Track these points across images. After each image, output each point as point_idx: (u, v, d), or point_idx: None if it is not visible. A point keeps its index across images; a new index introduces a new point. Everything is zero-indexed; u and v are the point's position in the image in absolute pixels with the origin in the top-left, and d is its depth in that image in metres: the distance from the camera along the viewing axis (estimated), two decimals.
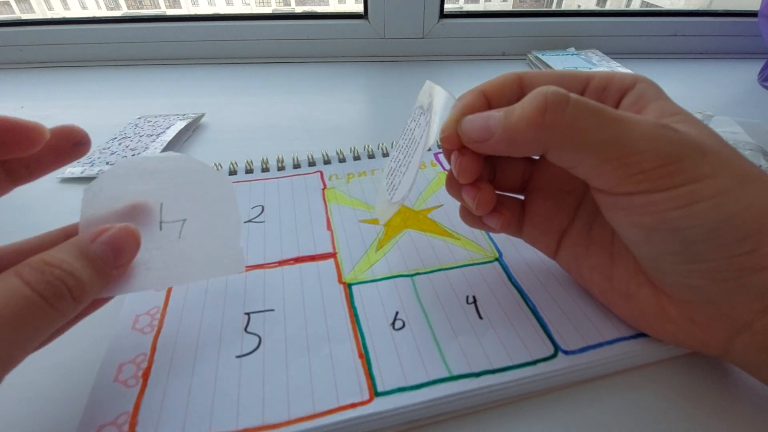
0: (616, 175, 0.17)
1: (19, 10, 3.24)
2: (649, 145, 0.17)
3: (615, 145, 0.17)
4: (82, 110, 0.51)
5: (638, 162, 0.17)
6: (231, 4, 3.32)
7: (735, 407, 0.20)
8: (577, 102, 0.17)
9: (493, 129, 0.19)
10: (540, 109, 0.17)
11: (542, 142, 0.18)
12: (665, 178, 0.17)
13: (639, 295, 0.20)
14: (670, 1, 1.94)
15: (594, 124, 0.17)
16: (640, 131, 0.17)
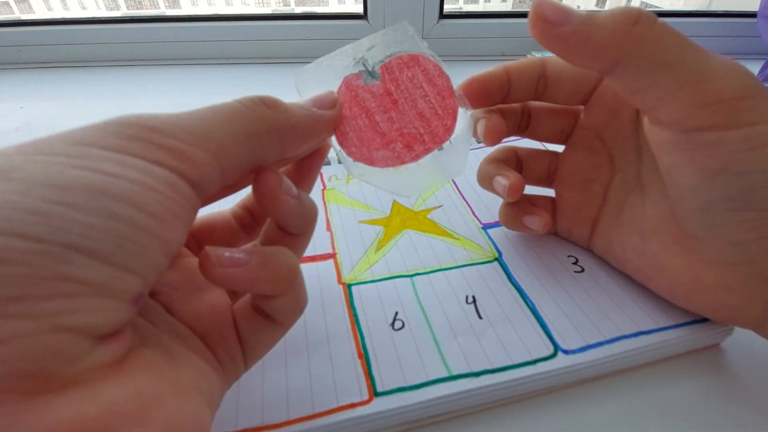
0: (692, 102, 0.17)
1: (19, 11, 3.24)
2: (729, 75, 0.16)
3: (696, 67, 0.17)
4: (81, 110, 0.51)
5: (717, 90, 0.16)
6: (230, 4, 3.33)
7: (735, 406, 0.20)
8: (664, 23, 0.17)
9: (572, 17, 0.17)
10: (632, 18, 0.17)
11: (619, 53, 0.17)
12: (742, 113, 0.16)
13: (672, 267, 0.20)
14: (669, 2, 1.94)
15: (678, 45, 0.17)
16: (719, 61, 0.17)
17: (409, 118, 0.19)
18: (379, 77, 0.20)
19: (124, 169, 0.11)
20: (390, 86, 0.19)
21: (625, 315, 0.22)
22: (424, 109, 0.19)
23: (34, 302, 0.10)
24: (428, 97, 0.19)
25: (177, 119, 0.13)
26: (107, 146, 0.12)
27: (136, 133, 0.12)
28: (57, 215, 0.10)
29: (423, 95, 0.19)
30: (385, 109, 0.19)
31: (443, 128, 0.19)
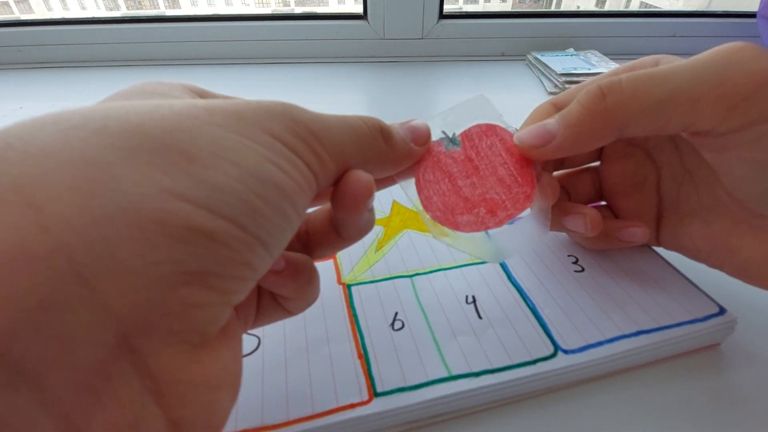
0: (717, 111, 0.16)
1: (18, 11, 3.24)
2: (735, 68, 0.15)
3: (695, 82, 0.16)
4: None
5: (733, 90, 0.16)
6: (230, 4, 3.33)
7: (735, 406, 0.20)
8: (629, 75, 0.17)
9: (553, 131, 0.19)
10: (599, 98, 0.17)
11: (613, 126, 0.18)
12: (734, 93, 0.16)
13: (743, 247, 0.20)
14: (668, 2, 1.94)
15: (657, 81, 0.17)
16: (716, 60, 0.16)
17: (491, 184, 0.19)
18: (460, 144, 0.20)
19: (292, 168, 0.12)
20: (470, 153, 0.20)
21: (625, 314, 0.22)
22: (504, 176, 0.19)
23: (225, 280, 0.11)
24: (507, 164, 0.20)
25: (327, 127, 0.14)
26: (283, 140, 0.13)
27: (301, 132, 0.13)
28: (259, 210, 0.11)
29: (502, 162, 0.20)
30: (467, 174, 0.20)
31: (524, 195, 0.19)
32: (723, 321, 0.22)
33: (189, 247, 0.10)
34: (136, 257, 0.10)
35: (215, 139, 0.11)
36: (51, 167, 0.09)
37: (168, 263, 0.10)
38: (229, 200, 0.11)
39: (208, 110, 0.12)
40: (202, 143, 0.11)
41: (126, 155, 0.10)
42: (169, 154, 0.10)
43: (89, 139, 0.10)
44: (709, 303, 0.22)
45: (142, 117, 0.11)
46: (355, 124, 0.15)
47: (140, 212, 0.10)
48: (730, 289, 0.23)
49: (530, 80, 0.58)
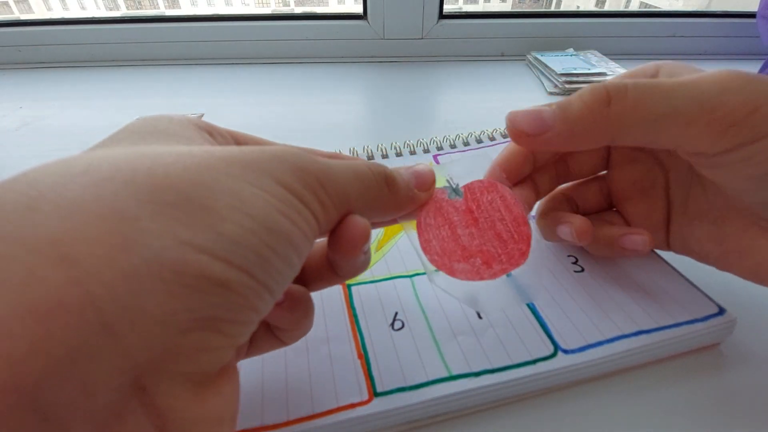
0: (708, 135, 0.17)
1: (18, 11, 3.23)
2: (728, 93, 0.16)
3: (692, 104, 0.16)
4: (80, 110, 0.51)
5: (725, 116, 0.16)
6: (230, 4, 3.33)
7: (734, 405, 0.20)
8: (636, 84, 0.17)
9: (549, 122, 0.18)
10: (603, 100, 0.17)
11: (610, 132, 0.18)
12: (761, 124, 0.16)
13: (755, 248, 0.20)
14: (668, 2, 1.94)
15: (661, 94, 0.17)
16: (711, 81, 0.16)
17: (489, 237, 0.20)
18: (462, 195, 0.21)
19: (300, 218, 0.13)
20: (472, 205, 0.21)
21: (625, 314, 0.22)
22: (501, 232, 0.20)
23: (234, 325, 0.12)
24: (506, 221, 0.21)
25: (333, 176, 0.15)
26: (292, 190, 0.13)
27: (309, 182, 0.14)
28: (269, 260, 0.12)
29: (501, 218, 0.21)
30: (466, 224, 0.20)
31: (519, 252, 0.20)
32: (722, 321, 0.22)
33: (204, 295, 0.11)
34: (156, 307, 0.10)
35: (232, 190, 0.12)
36: (84, 221, 0.10)
37: (184, 311, 0.11)
38: (243, 252, 0.12)
39: (226, 161, 0.13)
40: (219, 195, 0.12)
41: (152, 209, 0.11)
42: (190, 207, 0.11)
43: (119, 191, 0.11)
44: (708, 303, 0.22)
45: (167, 169, 0.12)
46: (360, 172, 0.16)
47: (162, 264, 0.10)
48: (729, 290, 0.23)
49: (530, 80, 0.58)
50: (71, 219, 0.10)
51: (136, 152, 0.12)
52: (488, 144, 0.39)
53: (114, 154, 0.12)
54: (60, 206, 0.10)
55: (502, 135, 0.40)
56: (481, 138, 0.40)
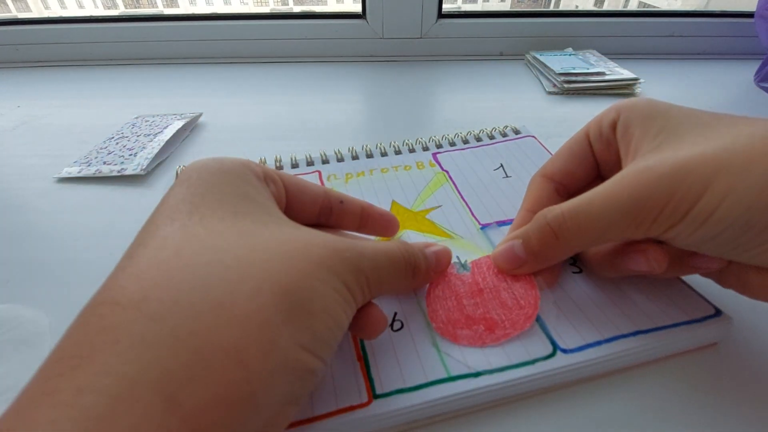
0: (640, 232, 0.19)
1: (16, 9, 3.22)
2: (646, 201, 0.18)
3: (618, 221, 0.19)
4: (79, 109, 0.51)
5: (645, 218, 0.18)
6: (229, 3, 3.31)
7: (733, 405, 0.20)
8: (571, 214, 0.20)
9: (521, 257, 0.23)
10: (551, 236, 0.21)
11: (569, 252, 0.22)
12: (674, 214, 0.18)
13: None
14: (667, 2, 1.95)
15: (592, 221, 0.20)
16: (630, 196, 0.19)
17: (493, 306, 0.22)
18: (470, 269, 0.24)
19: (351, 311, 0.17)
20: (478, 278, 0.23)
21: (624, 314, 0.22)
22: (506, 300, 0.22)
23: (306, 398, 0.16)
24: (511, 290, 0.23)
25: (378, 273, 0.18)
26: (352, 291, 0.17)
27: (361, 281, 0.17)
28: (334, 348, 0.16)
29: (506, 288, 0.23)
30: (472, 295, 0.23)
31: (524, 317, 0.22)
32: (719, 322, 0.22)
33: (301, 381, 0.15)
34: (282, 394, 0.14)
35: (322, 296, 0.15)
36: (250, 329, 0.13)
37: (287, 394, 0.14)
38: (325, 347, 0.15)
39: (316, 265, 0.16)
40: (315, 300, 0.15)
41: (282, 316, 0.14)
42: (300, 311, 0.14)
43: (266, 302, 0.14)
44: (705, 305, 0.23)
45: (287, 276, 0.15)
46: (397, 265, 0.20)
47: (287, 363, 0.14)
48: (726, 291, 0.23)
49: (529, 80, 0.58)
50: (241, 328, 0.13)
51: (264, 261, 0.15)
52: (488, 143, 0.39)
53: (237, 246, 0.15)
54: (234, 316, 0.13)
55: (501, 134, 0.40)
56: (481, 136, 0.40)
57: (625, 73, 0.54)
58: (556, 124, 0.46)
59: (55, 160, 0.40)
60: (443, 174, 0.35)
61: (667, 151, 0.19)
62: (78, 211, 0.34)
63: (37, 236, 0.31)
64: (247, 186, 0.18)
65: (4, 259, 0.29)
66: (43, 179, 0.37)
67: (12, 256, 0.29)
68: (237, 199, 0.17)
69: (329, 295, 0.16)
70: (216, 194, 0.17)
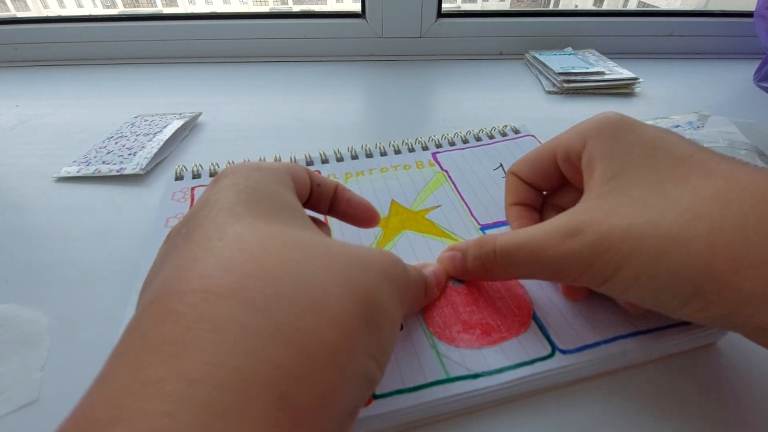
0: (567, 283, 0.21)
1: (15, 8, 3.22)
2: (559, 264, 0.19)
3: (539, 273, 0.20)
4: (78, 109, 0.51)
5: (568, 277, 0.19)
6: (228, 2, 3.30)
7: (732, 405, 0.20)
8: (501, 250, 0.21)
9: (459, 267, 0.23)
10: (481, 269, 0.22)
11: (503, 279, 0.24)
12: (593, 279, 0.19)
13: None
14: (666, 2, 1.95)
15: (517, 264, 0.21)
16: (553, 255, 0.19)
17: (488, 312, 0.23)
18: (465, 282, 0.24)
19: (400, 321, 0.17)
20: (473, 289, 0.24)
21: (622, 315, 0.22)
22: (501, 308, 0.23)
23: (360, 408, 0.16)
24: (505, 299, 0.24)
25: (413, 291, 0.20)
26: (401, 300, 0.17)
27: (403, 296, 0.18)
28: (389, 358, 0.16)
29: (500, 297, 0.24)
30: (467, 303, 0.23)
31: (518, 322, 0.22)
32: None
33: (364, 390, 0.14)
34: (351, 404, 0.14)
35: (387, 308, 0.16)
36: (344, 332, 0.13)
37: (353, 406, 0.14)
38: (386, 356, 0.16)
39: (383, 277, 0.16)
40: (381, 312, 0.15)
41: (362, 324, 0.14)
42: (372, 321, 0.14)
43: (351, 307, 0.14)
44: None
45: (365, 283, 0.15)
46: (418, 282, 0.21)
47: (359, 371, 0.14)
48: None
49: (528, 79, 0.58)
50: (337, 329, 0.13)
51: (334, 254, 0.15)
52: (487, 142, 0.39)
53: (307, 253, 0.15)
54: (332, 316, 0.13)
55: (500, 133, 0.40)
56: (480, 136, 0.40)
57: (624, 72, 0.54)
58: (556, 123, 0.46)
59: (54, 160, 0.40)
60: (443, 174, 0.35)
61: (605, 207, 0.19)
62: (77, 210, 0.34)
63: (36, 236, 0.31)
64: (293, 200, 0.19)
65: (3, 258, 0.29)
66: (42, 179, 0.37)
67: (10, 256, 0.29)
68: (291, 213, 0.17)
69: (390, 307, 0.16)
70: (269, 203, 0.17)
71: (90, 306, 0.26)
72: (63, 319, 0.25)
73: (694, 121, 0.42)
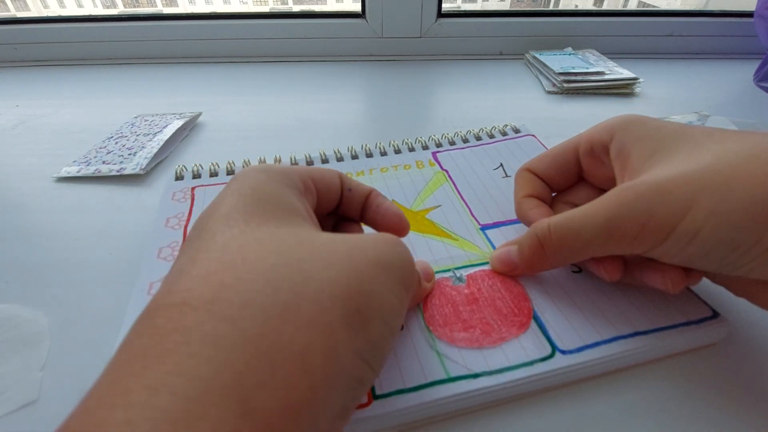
0: (621, 249, 0.20)
1: (15, 8, 3.22)
2: (623, 221, 0.19)
3: (598, 235, 0.20)
4: (78, 109, 0.51)
5: (624, 236, 0.19)
6: (228, 2, 3.31)
7: (732, 405, 0.20)
8: (555, 226, 0.21)
9: (515, 261, 0.24)
10: (538, 245, 0.22)
11: (556, 263, 0.23)
12: (654, 234, 0.18)
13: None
14: (666, 2, 1.95)
15: (574, 234, 0.21)
16: (609, 212, 0.19)
17: (489, 312, 0.23)
18: (465, 281, 0.25)
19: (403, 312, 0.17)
20: (473, 289, 0.24)
21: (622, 315, 0.22)
22: (501, 308, 0.23)
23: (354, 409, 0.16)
24: (505, 299, 0.24)
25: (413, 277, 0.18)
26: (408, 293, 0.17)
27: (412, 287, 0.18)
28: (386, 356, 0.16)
29: (501, 297, 0.24)
30: (468, 303, 0.23)
31: (518, 323, 0.22)
32: (716, 324, 0.22)
33: (352, 392, 0.14)
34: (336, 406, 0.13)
35: (379, 300, 0.15)
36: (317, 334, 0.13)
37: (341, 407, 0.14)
38: (380, 357, 0.15)
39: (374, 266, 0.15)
40: (373, 305, 0.15)
41: (342, 321, 0.14)
42: (358, 317, 0.14)
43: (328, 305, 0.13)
44: (702, 307, 0.23)
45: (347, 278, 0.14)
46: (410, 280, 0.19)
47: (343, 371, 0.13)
48: (724, 292, 0.23)
49: (528, 79, 0.58)
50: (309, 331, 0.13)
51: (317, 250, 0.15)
52: (487, 142, 0.39)
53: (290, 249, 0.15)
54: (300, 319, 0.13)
55: (501, 132, 0.40)
56: (480, 135, 0.40)
57: (624, 72, 0.54)
58: (556, 123, 0.46)
59: (54, 160, 0.40)
60: (443, 173, 0.35)
61: (655, 171, 0.19)
62: (77, 210, 0.34)
63: (36, 236, 0.31)
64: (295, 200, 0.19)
65: (3, 258, 0.29)
66: (42, 179, 0.37)
67: (10, 256, 0.29)
68: (289, 213, 0.17)
69: (386, 299, 0.15)
70: (269, 204, 0.17)
71: (90, 306, 0.26)
72: (63, 319, 0.25)
73: (694, 121, 0.42)
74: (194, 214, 0.31)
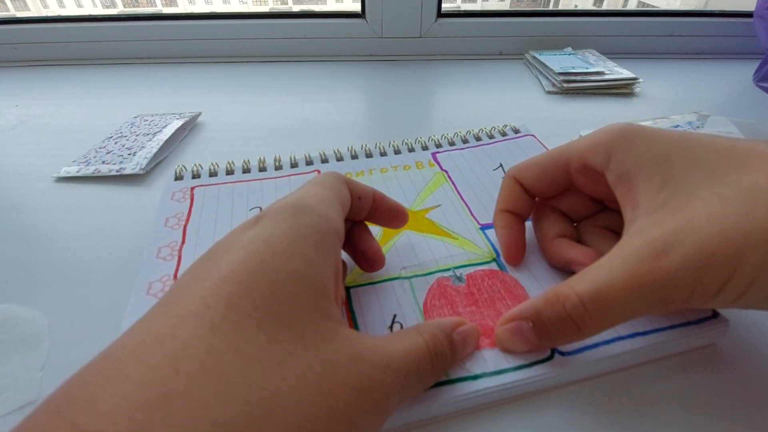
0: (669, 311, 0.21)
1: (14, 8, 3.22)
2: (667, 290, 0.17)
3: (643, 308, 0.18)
4: (77, 109, 0.51)
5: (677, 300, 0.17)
6: (228, 2, 3.31)
7: (732, 405, 0.20)
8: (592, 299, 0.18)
9: (532, 341, 0.20)
10: (574, 330, 0.19)
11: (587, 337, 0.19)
12: (704, 295, 0.17)
13: None
14: (666, 2, 1.95)
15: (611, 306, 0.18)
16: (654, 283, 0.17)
17: (488, 313, 0.23)
18: (465, 281, 0.25)
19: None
20: (473, 289, 0.24)
21: None
22: (501, 309, 0.23)
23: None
24: (505, 300, 0.24)
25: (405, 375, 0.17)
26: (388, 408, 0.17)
27: (395, 403, 0.17)
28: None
29: (500, 298, 0.24)
30: (467, 303, 0.23)
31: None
32: (716, 324, 0.22)
33: None
34: None
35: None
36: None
37: None
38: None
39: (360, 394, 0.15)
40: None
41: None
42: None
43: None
44: None
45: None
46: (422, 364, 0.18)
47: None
48: None
49: (528, 79, 0.58)
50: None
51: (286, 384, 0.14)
52: (487, 142, 0.39)
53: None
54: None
55: (500, 133, 0.40)
56: (480, 136, 0.40)
57: (624, 72, 0.54)
58: (556, 123, 0.46)
59: (53, 160, 0.40)
60: (442, 174, 0.35)
61: (678, 215, 0.18)
62: (77, 210, 0.34)
63: (36, 236, 0.31)
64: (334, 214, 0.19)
65: (3, 258, 0.29)
66: (41, 179, 0.37)
67: (10, 256, 0.29)
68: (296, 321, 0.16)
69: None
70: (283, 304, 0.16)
71: (90, 306, 0.26)
72: (63, 319, 0.25)
73: (693, 122, 0.42)
74: (193, 214, 0.31)
